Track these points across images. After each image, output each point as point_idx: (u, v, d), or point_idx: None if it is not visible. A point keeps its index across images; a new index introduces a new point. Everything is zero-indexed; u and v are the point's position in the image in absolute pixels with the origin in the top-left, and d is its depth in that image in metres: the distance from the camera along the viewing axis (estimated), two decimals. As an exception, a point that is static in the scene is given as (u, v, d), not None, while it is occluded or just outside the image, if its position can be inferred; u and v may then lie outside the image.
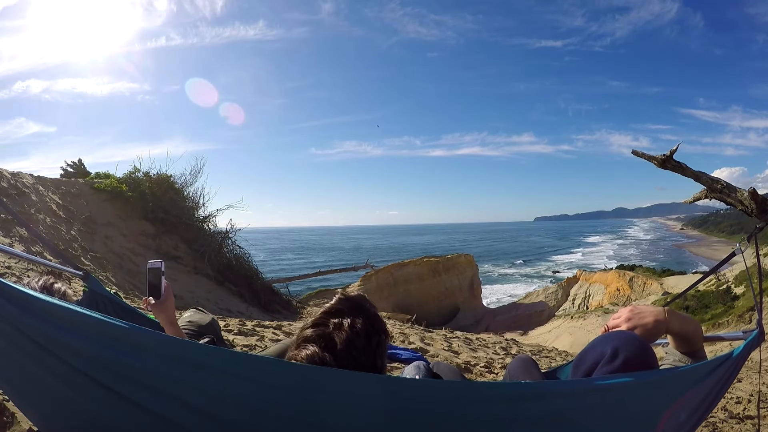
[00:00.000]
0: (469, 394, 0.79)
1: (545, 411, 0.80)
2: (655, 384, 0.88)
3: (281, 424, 0.77)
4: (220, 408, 0.77)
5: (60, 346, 0.80)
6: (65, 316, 0.79)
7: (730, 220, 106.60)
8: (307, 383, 0.74)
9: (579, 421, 0.83)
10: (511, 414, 0.79)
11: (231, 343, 3.28)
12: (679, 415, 0.96)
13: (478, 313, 28.91)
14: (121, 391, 0.79)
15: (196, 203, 8.64)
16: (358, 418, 0.75)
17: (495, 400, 0.79)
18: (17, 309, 0.80)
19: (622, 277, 29.32)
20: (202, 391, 0.77)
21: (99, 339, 0.78)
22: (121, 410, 0.81)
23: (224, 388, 0.76)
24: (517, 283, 50.06)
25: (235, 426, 0.78)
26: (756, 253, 1.34)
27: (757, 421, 2.67)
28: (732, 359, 1.05)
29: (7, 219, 4.81)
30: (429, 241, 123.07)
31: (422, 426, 0.76)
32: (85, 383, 0.81)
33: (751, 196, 3.85)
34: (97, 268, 5.45)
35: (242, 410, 0.77)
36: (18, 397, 1.05)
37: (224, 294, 7.38)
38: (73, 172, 8.83)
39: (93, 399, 0.84)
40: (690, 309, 18.17)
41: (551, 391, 0.85)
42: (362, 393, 0.75)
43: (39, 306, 0.80)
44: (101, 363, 0.79)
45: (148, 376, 0.77)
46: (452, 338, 5.41)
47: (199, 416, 0.78)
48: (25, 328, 0.81)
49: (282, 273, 26.30)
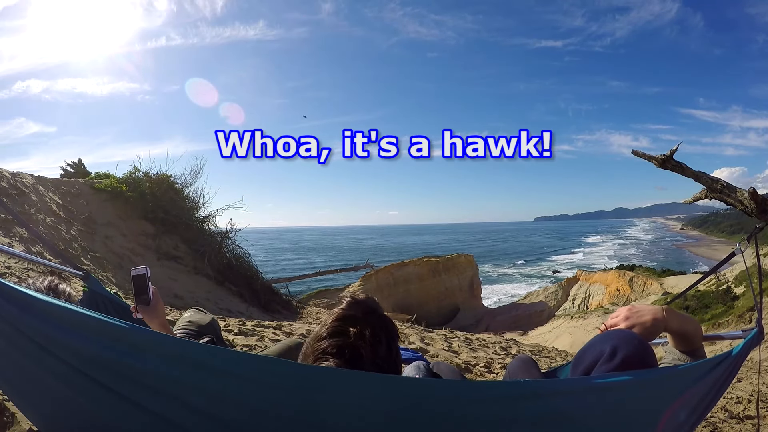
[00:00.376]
0: (469, 394, 0.78)
1: (545, 410, 0.80)
2: (654, 382, 0.88)
3: (281, 424, 0.77)
4: (220, 408, 0.77)
5: (60, 347, 0.80)
6: (65, 317, 0.79)
7: (730, 220, 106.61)
8: (307, 383, 0.74)
9: (579, 420, 0.83)
10: (511, 413, 0.78)
11: (231, 343, 3.28)
12: (679, 414, 0.95)
13: (478, 313, 28.90)
14: (121, 391, 0.79)
15: (196, 203, 8.64)
16: (358, 418, 0.75)
17: (495, 400, 0.79)
18: (17, 309, 0.80)
19: (622, 277, 29.32)
20: (202, 391, 0.77)
21: (99, 339, 0.77)
22: (121, 410, 0.81)
23: (224, 388, 0.75)
24: (517, 283, 50.04)
25: (235, 426, 0.78)
26: (756, 253, 1.35)
27: (756, 421, 2.67)
28: (731, 358, 1.05)
29: (7, 219, 4.81)
30: (429, 241, 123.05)
31: (422, 425, 0.76)
32: (85, 383, 0.81)
33: (751, 196, 3.85)
34: (97, 268, 5.45)
35: (242, 410, 0.76)
36: (18, 397, 1.05)
37: (224, 294, 7.38)
38: (73, 172, 8.83)
39: (93, 399, 0.84)
40: (690, 309, 18.16)
41: (550, 390, 0.85)
42: (362, 393, 0.74)
43: (39, 306, 0.80)
44: (101, 363, 0.79)
45: (148, 376, 0.77)
46: (452, 338, 5.41)
47: (199, 416, 0.78)
48: (25, 328, 0.81)
49: (282, 273, 26.29)
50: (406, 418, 0.75)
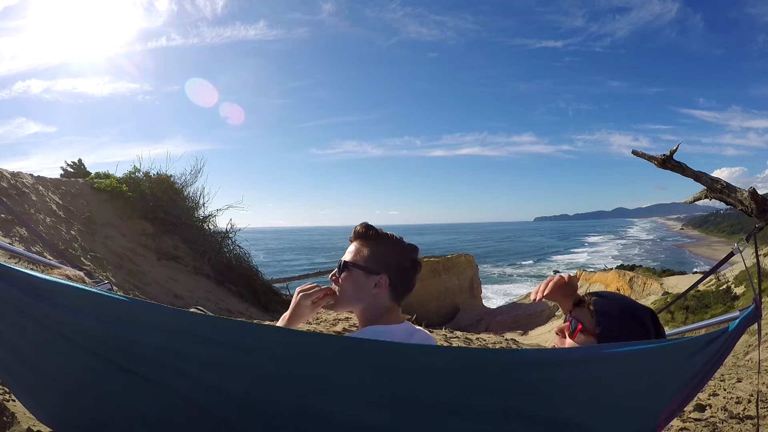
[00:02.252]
0: (471, 361, 0.81)
1: (552, 379, 0.82)
2: (657, 352, 0.90)
3: (284, 393, 0.80)
4: (226, 379, 0.80)
5: (66, 326, 0.83)
6: (70, 294, 0.82)
7: (730, 220, 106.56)
8: (309, 349, 0.78)
9: (588, 388, 0.85)
10: (518, 384, 0.81)
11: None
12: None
13: (478, 313, 28.90)
14: (132, 368, 0.82)
15: (196, 203, 8.65)
16: (359, 381, 0.78)
17: (495, 369, 0.81)
18: (20, 291, 0.83)
19: (622, 277, 29.32)
20: (212, 364, 0.79)
21: (103, 317, 0.80)
22: (130, 386, 0.84)
23: (228, 359, 0.78)
24: (517, 283, 50.05)
25: (242, 398, 0.80)
26: (755, 253, 1.35)
27: (756, 421, 2.67)
28: (728, 333, 1.07)
29: (8, 219, 4.81)
30: (429, 241, 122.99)
31: (427, 390, 0.78)
32: (93, 361, 0.83)
33: (751, 196, 3.85)
34: (97, 268, 5.45)
35: (247, 380, 0.79)
36: (21, 390, 1.05)
37: (224, 294, 7.38)
38: (73, 172, 8.83)
39: (101, 376, 0.86)
40: (690, 309, 18.18)
41: (558, 359, 0.88)
42: (363, 359, 0.78)
43: (46, 287, 0.83)
44: (107, 340, 0.81)
45: (153, 349, 0.80)
46: (452, 338, 5.40)
47: (207, 389, 0.81)
48: (31, 309, 0.83)
49: (282, 273, 26.29)
50: (409, 387, 0.77)
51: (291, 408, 0.80)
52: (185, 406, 0.82)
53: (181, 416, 0.83)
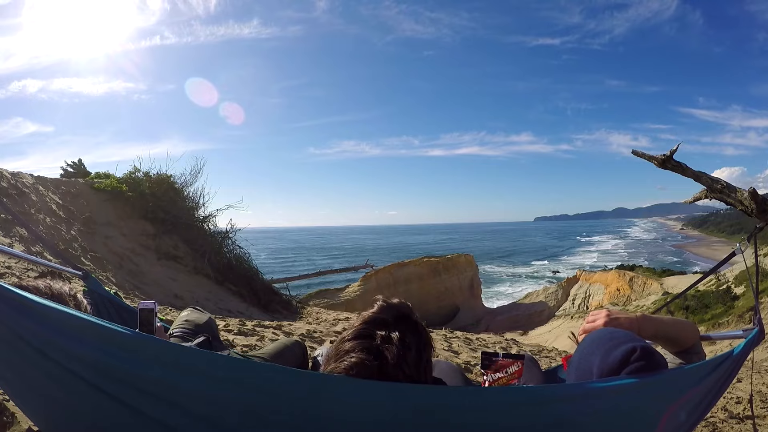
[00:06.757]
0: (467, 401, 0.76)
1: (549, 416, 0.78)
2: (657, 384, 0.86)
3: (279, 429, 0.77)
4: (220, 414, 0.76)
5: (58, 351, 0.79)
6: (64, 320, 0.79)
7: (730, 220, 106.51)
8: (306, 391, 0.73)
9: (582, 425, 0.81)
10: (513, 421, 0.77)
11: (231, 343, 3.29)
12: (679, 414, 0.95)
13: (478, 313, 28.90)
14: (120, 397, 0.79)
15: (196, 203, 8.64)
16: (360, 425, 0.74)
17: (495, 407, 0.77)
18: (15, 312, 0.80)
19: (622, 277, 29.31)
20: (202, 397, 0.76)
21: (96, 343, 0.77)
22: (120, 416, 0.81)
23: (224, 394, 0.75)
24: (517, 283, 50.06)
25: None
26: (755, 253, 1.34)
27: (753, 422, 2.67)
28: (732, 357, 1.04)
29: (7, 219, 4.81)
30: (429, 241, 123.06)
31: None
32: (82, 387, 0.80)
33: (751, 196, 3.86)
34: (97, 268, 5.45)
35: (242, 416, 0.76)
36: (18, 398, 1.05)
37: (224, 294, 7.38)
38: (73, 172, 8.84)
39: (89, 402, 0.83)
40: (690, 309, 18.18)
41: (554, 396, 0.82)
42: (364, 402, 0.73)
43: (38, 310, 0.80)
44: (100, 368, 0.78)
45: (147, 381, 0.77)
46: (452, 338, 5.40)
47: (198, 422, 0.78)
48: (24, 331, 0.80)
49: (282, 273, 26.31)
50: (408, 426, 0.73)
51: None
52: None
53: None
